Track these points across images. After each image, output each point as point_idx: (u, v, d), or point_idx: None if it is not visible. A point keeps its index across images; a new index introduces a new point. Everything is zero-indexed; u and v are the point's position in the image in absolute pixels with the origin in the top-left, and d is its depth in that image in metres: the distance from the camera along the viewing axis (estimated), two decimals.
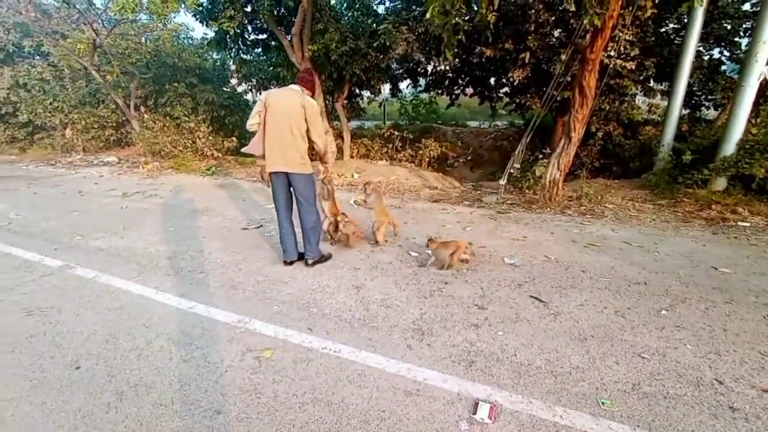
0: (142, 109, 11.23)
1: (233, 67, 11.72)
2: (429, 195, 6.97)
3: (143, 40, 11.56)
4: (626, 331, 2.40)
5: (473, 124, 15.85)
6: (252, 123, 3.19)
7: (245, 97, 13.15)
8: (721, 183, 5.39)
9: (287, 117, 3.07)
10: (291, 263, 3.48)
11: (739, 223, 4.55)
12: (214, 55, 13.23)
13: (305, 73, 3.30)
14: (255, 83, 11.49)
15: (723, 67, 7.97)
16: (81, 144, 11.80)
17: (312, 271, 3.36)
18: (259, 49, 10.77)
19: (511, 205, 5.77)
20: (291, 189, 3.31)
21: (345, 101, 10.10)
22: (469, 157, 12.63)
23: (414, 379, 2.02)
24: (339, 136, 9.74)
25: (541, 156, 7.18)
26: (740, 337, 2.34)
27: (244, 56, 11.02)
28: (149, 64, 11.06)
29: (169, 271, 3.44)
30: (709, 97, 8.32)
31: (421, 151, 9.81)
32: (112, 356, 2.22)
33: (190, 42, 13.30)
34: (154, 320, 2.61)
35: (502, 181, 6.31)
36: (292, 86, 3.20)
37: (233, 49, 9.47)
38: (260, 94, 13.40)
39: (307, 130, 3.16)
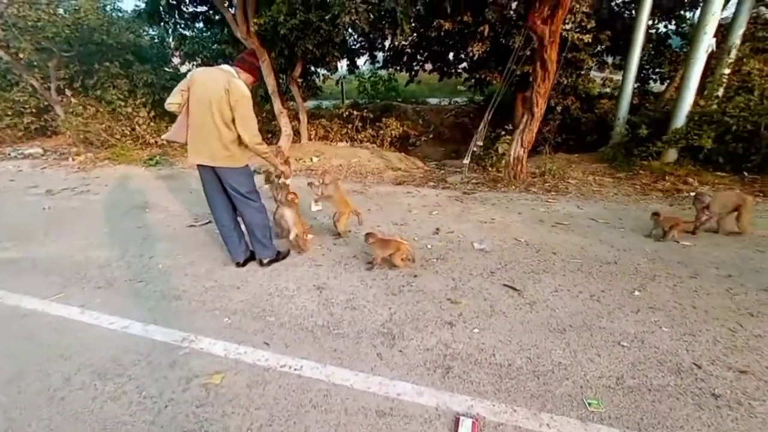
0: (68, 92, 9.91)
1: (174, 45, 10.60)
2: (393, 177, 6.71)
3: (60, 11, 10.08)
4: (603, 318, 2.32)
5: (433, 101, 15.63)
6: (170, 102, 2.70)
7: None
8: (672, 155, 5.56)
9: (208, 101, 2.59)
10: (243, 264, 3.11)
11: (691, 194, 4.69)
12: (151, 31, 11.91)
13: (246, 55, 2.82)
14: (200, 62, 10.48)
15: (669, 41, 8.21)
16: None
17: (268, 271, 3.03)
18: (201, 24, 9.78)
19: (476, 184, 5.65)
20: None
21: (299, 80, 9.46)
22: (431, 135, 12.46)
23: (386, 395, 1.80)
24: (295, 117, 9.15)
25: (503, 133, 7.10)
26: (710, 314, 2.33)
27: (184, 32, 9.97)
28: (70, 39, 9.69)
29: (100, 282, 2.96)
30: (657, 70, 8.60)
31: (382, 131, 9.46)
32: (12, 404, 1.81)
33: (120, 15, 11.83)
34: (75, 349, 2.19)
35: (466, 160, 6.17)
36: (224, 66, 2.72)
37: (170, 23, 8.49)
38: None
39: (234, 120, 2.68)
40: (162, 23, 8.31)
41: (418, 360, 2.02)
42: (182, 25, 8.98)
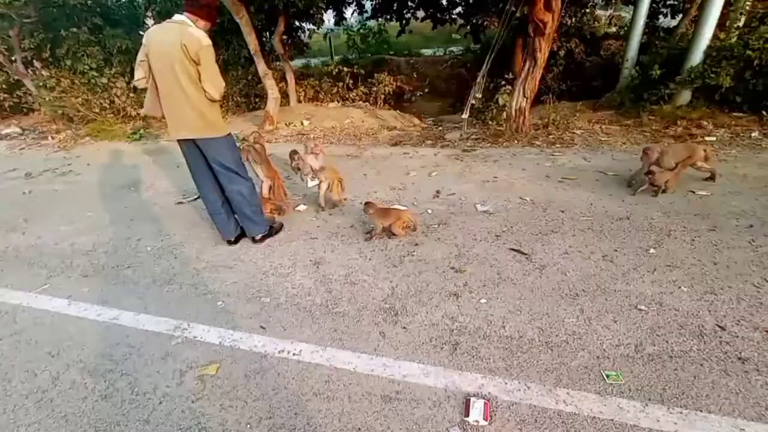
0: (38, 64, 9.29)
1: (144, 3, 9.78)
2: (388, 137, 6.39)
3: None
4: (618, 280, 2.18)
5: (428, 52, 14.77)
6: (137, 78, 2.43)
7: None
8: (686, 96, 5.20)
9: (170, 65, 2.28)
10: (235, 241, 2.95)
11: (707, 138, 4.43)
12: None
13: None
14: None
15: None
16: None
17: (261, 248, 2.87)
18: None
19: (477, 140, 5.37)
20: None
21: (284, 37, 8.80)
22: (427, 90, 11.87)
23: (391, 378, 1.70)
24: (282, 78, 8.61)
25: (502, 83, 6.67)
26: (732, 270, 2.19)
27: None
28: (28, 2, 8.89)
29: (87, 270, 2.82)
30: (668, 2, 7.92)
31: (375, 88, 8.94)
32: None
33: None
34: (63, 345, 2.08)
35: (465, 115, 5.82)
36: (176, 17, 2.35)
37: None
38: None
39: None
40: None
41: (424, 337, 1.91)
42: None
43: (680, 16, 7.43)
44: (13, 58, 8.88)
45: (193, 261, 2.82)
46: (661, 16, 8.31)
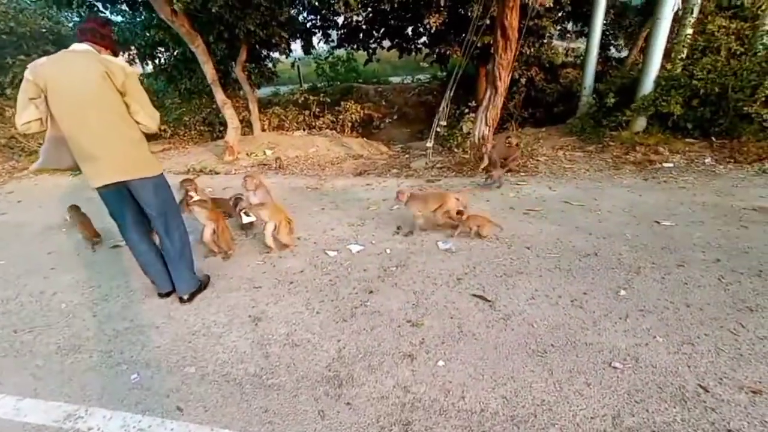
0: None
1: None
2: (353, 167, 6.19)
3: None
4: (589, 330, 1.97)
5: (396, 80, 15.02)
6: (27, 120, 2.01)
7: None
8: (641, 123, 5.31)
9: (82, 100, 1.97)
10: (168, 294, 2.58)
11: (664, 165, 4.47)
12: (74, 17, 10.55)
13: (96, 24, 2.11)
14: (136, 52, 9.36)
15: (632, 1, 7.92)
16: None
17: (196, 301, 2.51)
18: (125, 6, 8.67)
19: (441, 169, 5.25)
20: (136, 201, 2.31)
21: (246, 65, 8.63)
22: (396, 117, 11.95)
23: None
24: (246, 107, 8.36)
25: (467, 110, 6.69)
26: (705, 313, 2.03)
27: (110, 16, 8.81)
28: None
29: None
30: (617, 35, 8.34)
31: (341, 116, 8.82)
32: None
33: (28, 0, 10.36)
34: None
35: (429, 143, 5.72)
36: (76, 47, 2.05)
37: (83, 7, 7.40)
38: (146, 64, 11.15)
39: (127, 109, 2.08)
40: (76, 8, 7.23)
41: (370, 415, 1.60)
42: (102, 8, 7.87)
43: (629, 47, 7.82)
44: None
45: (115, 320, 2.42)
46: (612, 48, 8.76)
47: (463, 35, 6.16)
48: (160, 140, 8.96)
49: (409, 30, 9.24)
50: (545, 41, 7.83)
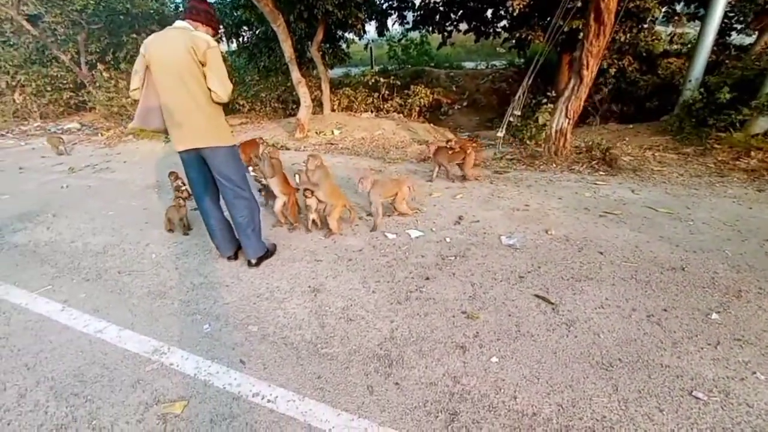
0: (101, 66, 9.98)
1: None
2: (417, 152, 6.13)
3: None
4: (666, 351, 1.78)
5: (469, 65, 14.46)
6: (133, 88, 2.37)
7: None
8: (762, 124, 4.53)
9: (176, 72, 2.20)
10: (235, 257, 2.81)
11: None
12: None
13: (196, 2, 2.32)
14: (224, 31, 10.14)
15: None
16: (37, 109, 10.67)
17: (261, 267, 2.70)
18: None
19: (511, 161, 4.99)
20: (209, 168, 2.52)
21: (322, 45, 8.86)
22: (465, 103, 11.57)
23: None
24: (318, 87, 8.65)
25: (544, 100, 6.24)
26: None
27: None
28: (96, 11, 9.61)
29: (90, 274, 2.78)
30: (743, 18, 7.12)
31: (410, 100, 8.73)
32: None
33: None
34: (43, 356, 1.99)
35: (500, 133, 5.45)
36: (177, 23, 2.29)
37: None
38: (231, 42, 11.99)
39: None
40: None
41: (418, 399, 1.62)
42: None
43: (757, 32, 6.63)
44: (77, 60, 9.58)
45: (192, 274, 2.70)
46: (734, 33, 7.50)
47: (549, 19, 5.71)
48: (238, 114, 9.64)
49: (489, 12, 8.79)
50: (646, 26, 6.97)
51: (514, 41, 8.78)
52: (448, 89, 11.53)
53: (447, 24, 9.66)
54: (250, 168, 3.41)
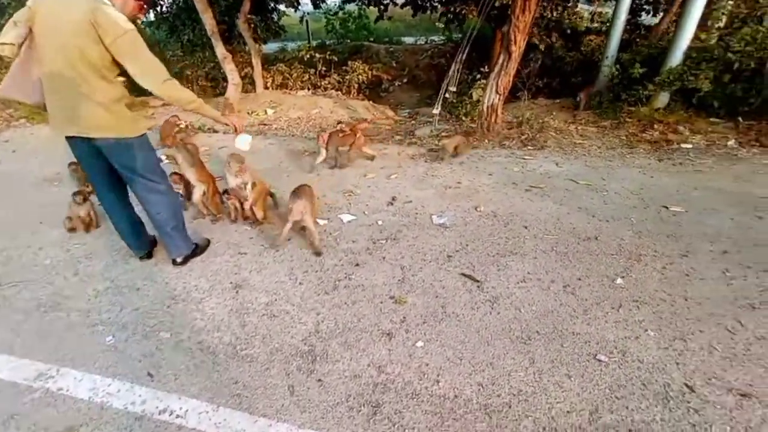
0: None
1: None
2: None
3: None
4: (578, 318, 1.89)
5: (409, 40, 14.25)
6: (2, 41, 1.81)
7: None
8: (663, 99, 4.95)
9: (62, 43, 1.78)
10: (148, 255, 2.53)
11: (682, 145, 4.20)
12: None
13: None
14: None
15: None
16: None
17: (178, 265, 2.46)
18: None
19: (447, 138, 5.00)
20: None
21: (251, 17, 8.17)
22: (406, 80, 11.42)
23: None
24: (250, 63, 8.00)
25: (479, 76, 6.33)
26: (704, 308, 1.92)
27: None
28: None
29: None
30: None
31: (348, 76, 8.43)
32: None
33: None
34: None
35: (436, 110, 5.45)
36: None
37: None
38: (148, 12, 10.65)
39: (117, 64, 1.87)
40: None
41: (340, 394, 1.56)
42: None
43: (662, 13, 7.19)
44: None
45: (96, 279, 2.39)
46: (643, 13, 8.07)
47: None
48: None
49: None
50: (569, 4, 7.26)
51: (450, 16, 8.74)
52: (388, 65, 11.29)
53: None
54: (163, 156, 3.06)
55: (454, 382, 1.59)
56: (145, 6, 2.05)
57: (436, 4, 9.22)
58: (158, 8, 9.64)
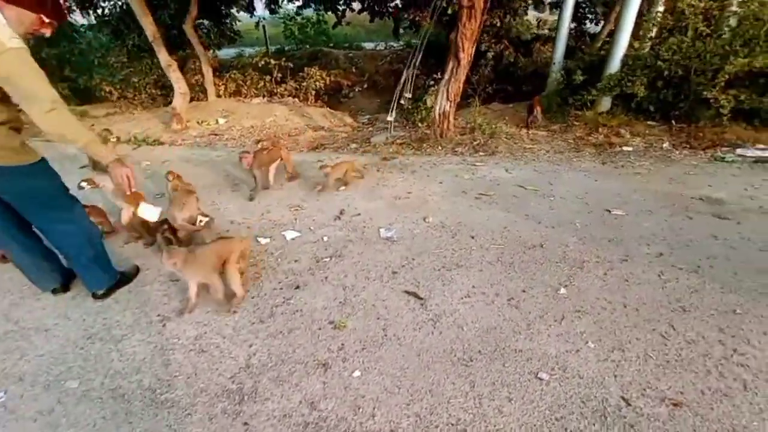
0: None
1: None
2: (311, 140, 5.83)
3: None
4: (521, 334, 1.85)
5: (369, 45, 14.24)
6: None
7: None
8: (606, 104, 5.19)
9: None
10: (64, 290, 2.26)
11: (624, 148, 4.39)
12: None
13: None
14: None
15: None
16: None
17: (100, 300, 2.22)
18: None
19: (401, 145, 4.98)
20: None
21: (202, 23, 7.82)
22: (366, 85, 11.38)
23: None
24: (200, 71, 7.64)
25: (432, 83, 6.37)
26: (641, 315, 1.95)
27: None
28: None
29: None
30: (593, 9, 8.08)
31: (305, 83, 8.24)
32: None
33: None
34: None
35: (390, 117, 5.41)
36: None
37: None
38: (86, 14, 9.97)
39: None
40: None
41: None
42: None
43: (602, 22, 7.58)
44: None
45: None
46: (588, 22, 8.48)
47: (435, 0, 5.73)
48: (105, 103, 8.17)
49: None
50: (518, 12, 7.48)
51: (407, 21, 8.79)
52: (347, 71, 11.20)
53: (339, 2, 9.28)
54: (84, 183, 2.76)
55: (391, 415, 1.49)
56: (47, 20, 1.78)
57: (392, 9, 9.27)
58: (99, 10, 9.04)
